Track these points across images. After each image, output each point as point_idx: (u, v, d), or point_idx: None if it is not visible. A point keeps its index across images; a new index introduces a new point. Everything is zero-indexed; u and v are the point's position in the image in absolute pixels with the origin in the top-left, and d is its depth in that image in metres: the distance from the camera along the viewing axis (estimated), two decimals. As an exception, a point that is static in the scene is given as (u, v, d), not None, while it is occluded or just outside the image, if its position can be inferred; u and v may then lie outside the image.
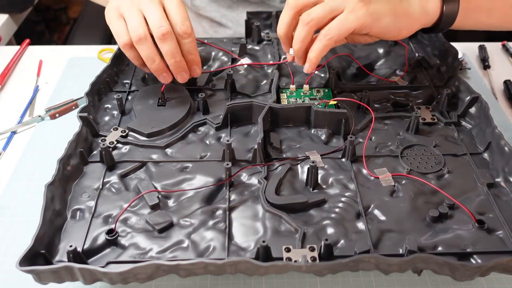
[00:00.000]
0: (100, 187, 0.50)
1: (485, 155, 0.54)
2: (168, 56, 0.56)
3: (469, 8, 0.58)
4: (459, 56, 0.66)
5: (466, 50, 0.80)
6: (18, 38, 1.05)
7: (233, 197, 0.50)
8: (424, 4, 0.56)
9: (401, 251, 0.44)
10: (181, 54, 0.56)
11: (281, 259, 0.43)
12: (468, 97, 0.58)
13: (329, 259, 0.43)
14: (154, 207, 0.48)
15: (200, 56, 0.59)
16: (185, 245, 0.45)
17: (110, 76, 0.64)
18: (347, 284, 0.48)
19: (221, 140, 0.57)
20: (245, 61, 0.68)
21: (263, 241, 0.42)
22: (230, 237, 0.46)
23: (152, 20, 0.54)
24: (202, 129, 0.58)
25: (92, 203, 0.49)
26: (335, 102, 0.59)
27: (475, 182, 0.51)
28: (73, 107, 0.68)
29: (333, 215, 0.47)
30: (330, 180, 0.51)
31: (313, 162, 0.49)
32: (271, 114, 0.57)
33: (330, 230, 0.46)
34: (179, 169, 0.53)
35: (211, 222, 0.47)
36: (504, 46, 0.82)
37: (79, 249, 0.43)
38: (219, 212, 0.48)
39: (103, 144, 0.52)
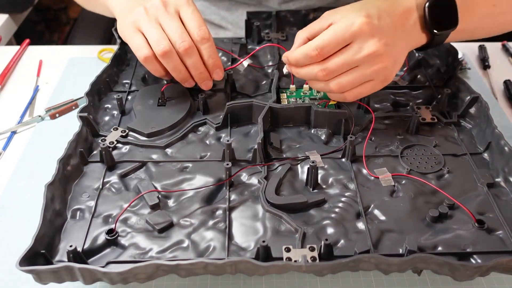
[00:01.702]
0: (100, 187, 0.50)
1: (485, 155, 0.54)
2: (192, 69, 0.57)
3: (454, 33, 0.57)
4: (459, 56, 0.66)
5: (466, 50, 0.80)
6: (18, 38, 1.05)
7: (233, 197, 0.50)
8: (416, 42, 0.56)
9: (401, 251, 0.44)
10: (202, 60, 0.57)
11: (281, 259, 0.43)
12: (468, 97, 0.58)
13: (329, 259, 0.43)
14: (154, 207, 0.48)
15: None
16: (185, 245, 0.45)
17: (110, 76, 0.64)
18: (347, 284, 0.48)
19: (221, 140, 0.57)
20: (245, 61, 0.68)
21: (263, 241, 0.42)
22: (230, 237, 0.46)
23: (173, 34, 0.54)
24: (202, 129, 0.58)
25: (92, 203, 0.49)
26: (335, 102, 0.59)
27: (475, 182, 0.51)
28: (73, 107, 0.68)
29: (333, 215, 0.47)
30: (330, 180, 0.51)
31: (313, 162, 0.49)
32: (271, 114, 0.57)
33: (330, 230, 0.46)
34: (179, 169, 0.53)
35: (211, 222, 0.47)
36: (504, 46, 0.82)
37: (79, 249, 0.43)
38: (219, 212, 0.48)
39: (103, 144, 0.52)
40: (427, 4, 0.53)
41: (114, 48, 0.76)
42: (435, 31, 0.54)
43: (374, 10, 0.51)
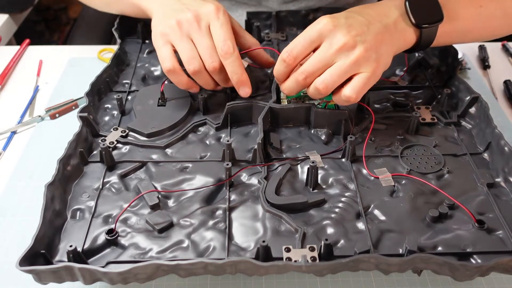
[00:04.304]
0: (100, 187, 0.50)
1: (485, 155, 0.54)
2: (221, 83, 0.58)
3: (443, 34, 0.57)
4: (459, 56, 0.66)
5: (466, 50, 0.80)
6: (18, 38, 1.05)
7: (233, 197, 0.50)
8: (404, 38, 0.56)
9: (401, 251, 0.44)
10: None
11: (281, 259, 0.43)
12: (468, 97, 0.58)
13: (329, 259, 0.43)
14: (154, 207, 0.48)
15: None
16: (185, 245, 0.45)
17: (110, 76, 0.64)
18: (347, 284, 0.48)
19: (221, 140, 0.57)
20: (245, 61, 0.68)
21: (263, 241, 0.42)
22: (230, 237, 0.46)
23: (204, 53, 0.55)
24: (202, 129, 0.58)
25: (92, 203, 0.49)
26: (335, 102, 0.59)
27: (475, 182, 0.51)
28: (73, 107, 0.68)
29: (333, 215, 0.47)
30: (330, 180, 0.51)
31: (313, 162, 0.49)
32: (271, 114, 0.57)
33: (330, 230, 0.46)
34: (179, 169, 0.53)
35: (211, 222, 0.47)
36: (504, 46, 0.82)
37: (79, 249, 0.43)
38: (219, 212, 0.48)
39: (103, 144, 0.52)
40: (406, 2, 0.55)
41: (114, 48, 0.76)
42: (422, 25, 0.54)
43: (343, 13, 0.53)
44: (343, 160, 0.54)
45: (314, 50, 0.52)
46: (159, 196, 0.49)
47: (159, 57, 0.57)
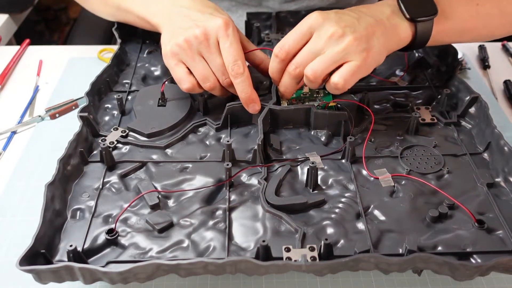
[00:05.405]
0: (100, 187, 0.50)
1: (485, 155, 0.54)
2: (235, 94, 0.58)
3: (439, 31, 0.57)
4: (459, 56, 0.66)
5: (466, 50, 0.80)
6: (18, 38, 1.05)
7: (233, 197, 0.50)
8: (399, 33, 0.56)
9: (401, 251, 0.44)
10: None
11: (281, 259, 0.43)
12: (468, 97, 0.58)
13: (329, 259, 0.43)
14: (154, 207, 0.48)
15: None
16: (185, 245, 0.45)
17: (110, 76, 0.64)
18: (347, 284, 0.48)
19: (221, 140, 0.57)
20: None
21: (263, 241, 0.42)
22: (230, 237, 0.46)
23: (216, 70, 0.56)
24: (202, 129, 0.58)
25: (92, 203, 0.49)
26: (334, 104, 0.59)
27: (475, 182, 0.51)
28: (73, 107, 0.68)
29: (333, 216, 0.47)
30: (330, 181, 0.52)
31: (313, 163, 0.49)
32: (271, 115, 0.57)
33: (330, 230, 0.46)
34: (179, 169, 0.53)
35: (211, 222, 0.47)
36: (504, 46, 0.82)
37: (79, 248, 0.43)
38: (219, 212, 0.48)
39: (103, 144, 0.52)
40: None
41: (114, 48, 0.76)
42: (416, 19, 0.55)
43: (334, 10, 0.54)
44: (343, 161, 0.54)
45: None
46: (159, 196, 0.49)
47: (174, 77, 0.57)
